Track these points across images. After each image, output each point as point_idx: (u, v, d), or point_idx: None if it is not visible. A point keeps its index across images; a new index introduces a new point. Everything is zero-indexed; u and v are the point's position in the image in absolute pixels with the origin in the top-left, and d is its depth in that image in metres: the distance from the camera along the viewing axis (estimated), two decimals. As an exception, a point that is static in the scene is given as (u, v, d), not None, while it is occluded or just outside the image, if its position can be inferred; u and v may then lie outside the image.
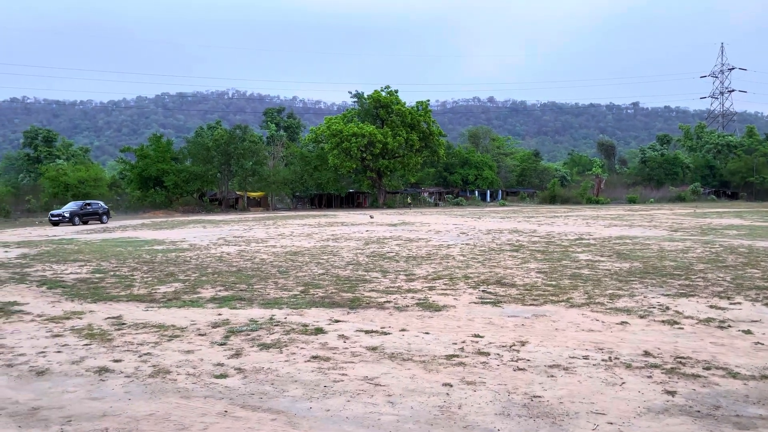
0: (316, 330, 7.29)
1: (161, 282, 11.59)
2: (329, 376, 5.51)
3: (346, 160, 62.47)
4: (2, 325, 8.01)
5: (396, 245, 18.55)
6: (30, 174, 76.77)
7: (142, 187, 61.58)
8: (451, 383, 5.26)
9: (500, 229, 25.75)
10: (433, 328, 7.34)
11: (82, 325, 7.87)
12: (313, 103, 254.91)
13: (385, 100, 65.65)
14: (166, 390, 5.23)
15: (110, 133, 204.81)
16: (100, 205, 41.53)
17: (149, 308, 8.98)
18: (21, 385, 5.47)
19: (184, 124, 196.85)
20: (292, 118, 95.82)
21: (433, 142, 67.28)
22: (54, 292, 10.66)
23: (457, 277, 11.48)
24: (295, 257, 15.59)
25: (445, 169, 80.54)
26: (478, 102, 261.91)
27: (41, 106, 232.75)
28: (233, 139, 62.55)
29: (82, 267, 14.39)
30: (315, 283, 11.09)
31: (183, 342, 6.87)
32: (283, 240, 21.50)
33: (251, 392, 5.13)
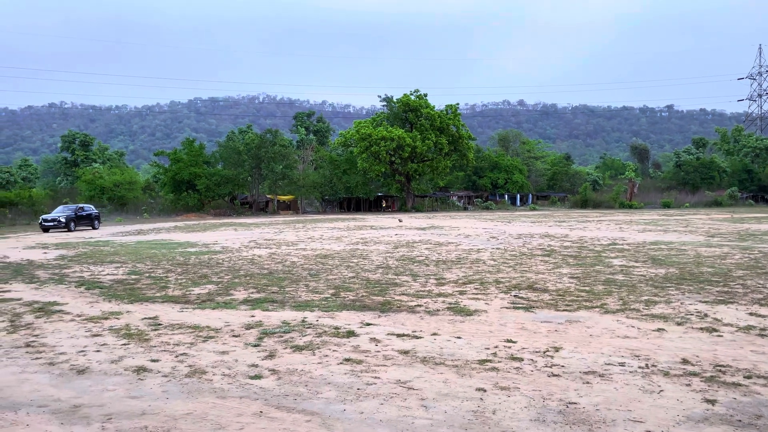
0: (348, 333, 7.32)
1: (195, 284, 11.78)
2: (362, 379, 5.53)
3: (375, 163, 62.63)
4: (43, 324, 8.24)
5: (425, 249, 18.52)
6: (67, 177, 78.88)
7: (176, 191, 62.71)
8: (484, 388, 5.24)
9: (531, 233, 25.50)
10: (465, 333, 7.31)
11: (120, 325, 8.06)
12: (343, 107, 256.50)
13: (414, 104, 65.68)
14: (202, 390, 5.32)
15: (144, 138, 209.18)
16: (93, 210, 38.93)
17: (184, 309, 9.14)
18: (62, 383, 5.62)
19: (216, 128, 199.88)
20: (322, 122, 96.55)
21: (462, 145, 67.01)
22: (92, 293, 10.92)
23: (488, 282, 11.41)
24: (325, 260, 15.69)
25: (475, 172, 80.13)
26: (508, 105, 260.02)
27: (78, 111, 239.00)
28: (264, 143, 63.29)
29: (118, 268, 14.71)
30: (345, 286, 11.14)
31: (218, 343, 6.98)
32: (313, 243, 21.65)
33: (285, 393, 5.18)
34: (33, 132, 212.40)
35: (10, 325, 8.22)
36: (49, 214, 36.49)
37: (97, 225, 37.60)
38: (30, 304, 9.79)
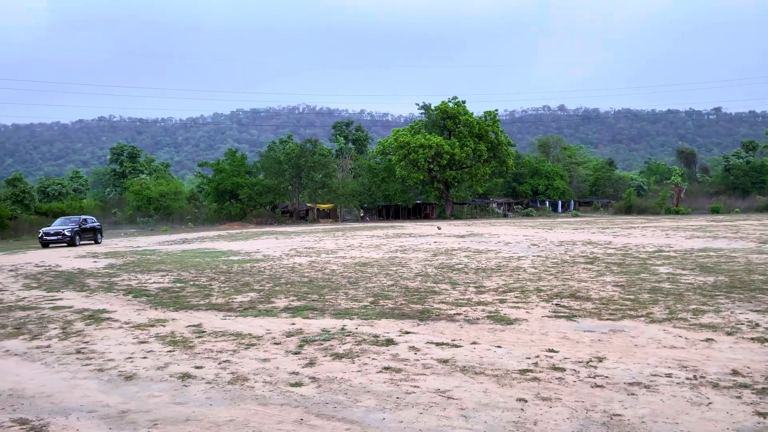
0: (387, 341, 7.33)
1: (238, 292, 12.00)
2: (401, 388, 5.53)
3: (414, 171, 62.65)
4: (93, 331, 8.53)
5: (465, 257, 18.40)
6: (116, 188, 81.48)
7: (219, 200, 64.07)
8: (525, 398, 5.17)
9: (573, 240, 25.05)
10: (506, 342, 7.23)
11: (166, 332, 8.27)
12: (381, 115, 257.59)
13: (453, 111, 65.53)
14: (244, 397, 5.41)
15: (189, 149, 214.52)
16: (95, 222, 35.09)
17: (227, 317, 9.32)
18: (111, 389, 5.80)
19: (258, 138, 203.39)
20: (360, 130, 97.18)
21: (501, 152, 66.44)
22: (139, 301, 11.25)
23: (528, 290, 11.26)
24: (364, 268, 15.76)
25: (514, 179, 79.25)
26: (548, 110, 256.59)
27: (126, 124, 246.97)
28: (304, 152, 64.14)
29: (164, 277, 15.10)
30: (384, 294, 11.16)
31: (259, 350, 7.08)
32: (352, 251, 21.78)
33: (326, 401, 5.23)
34: (83, 145, 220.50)
35: (62, 332, 8.53)
36: (50, 226, 32.91)
37: (100, 239, 34.06)
38: (81, 312, 10.14)
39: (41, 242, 30.73)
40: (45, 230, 31.54)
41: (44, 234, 31.07)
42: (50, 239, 30.65)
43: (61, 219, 34.79)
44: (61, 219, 34.79)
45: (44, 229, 31.75)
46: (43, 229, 31.82)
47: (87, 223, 33.29)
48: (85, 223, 32.98)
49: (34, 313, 10.23)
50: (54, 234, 30.79)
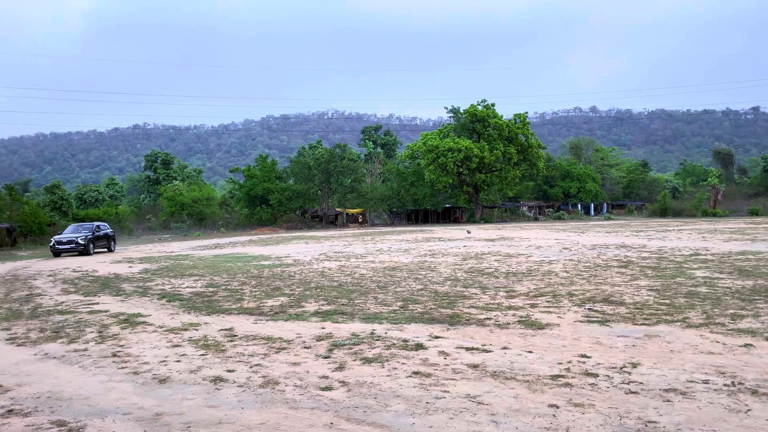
0: (417, 345, 7.32)
1: (268, 296, 12.12)
2: (431, 393, 5.50)
3: (443, 175, 62.49)
4: (128, 335, 8.71)
5: (495, 261, 18.25)
6: (150, 194, 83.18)
7: (250, 205, 64.92)
8: (557, 404, 5.09)
9: (606, 243, 24.63)
10: (537, 347, 7.14)
11: (198, 336, 8.40)
12: (409, 119, 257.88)
13: (482, 114, 65.21)
14: (275, 400, 5.46)
15: (221, 155, 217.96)
16: (109, 229, 33.27)
17: (258, 321, 9.42)
18: (145, 391, 5.91)
19: (287, 144, 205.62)
20: (389, 135, 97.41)
21: (531, 154, 65.83)
22: (173, 305, 11.45)
23: (560, 294, 11.11)
24: (393, 272, 15.76)
25: (545, 182, 78.39)
26: (579, 112, 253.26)
27: (160, 132, 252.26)
28: (333, 157, 64.59)
29: (196, 281, 15.35)
30: (414, 298, 11.14)
31: (290, 354, 7.14)
32: (381, 255, 21.80)
33: (355, 405, 5.24)
34: (119, 152, 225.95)
35: (99, 335, 8.73)
36: (61, 234, 30.70)
37: (114, 246, 32.22)
38: (116, 316, 10.37)
39: (53, 251, 28.81)
40: (57, 238, 29.44)
41: (56, 243, 29.04)
42: (62, 248, 28.73)
43: (72, 226, 32.35)
44: (72, 226, 32.35)
45: (56, 237, 29.75)
46: (55, 237, 29.82)
47: (100, 230, 31.38)
48: (99, 230, 31.08)
49: (71, 317, 10.50)
50: (67, 242, 28.84)
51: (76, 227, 31.42)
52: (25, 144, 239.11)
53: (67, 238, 29.10)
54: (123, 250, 33.13)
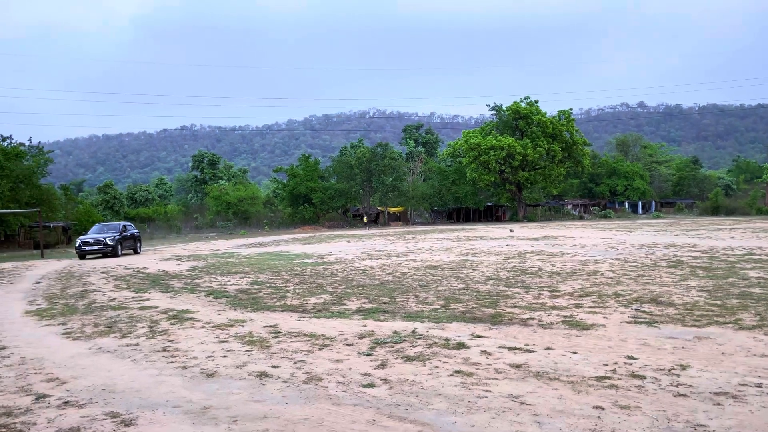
0: (458, 345, 7.30)
1: (311, 293, 12.28)
2: (473, 392, 5.49)
3: (485, 173, 61.93)
4: (177, 330, 8.97)
5: (538, 260, 18.00)
6: (197, 194, 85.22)
7: (293, 204, 65.83)
8: (602, 406, 5.01)
9: (654, 243, 23.97)
10: (581, 348, 7.03)
11: (244, 332, 8.59)
12: (451, 117, 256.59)
13: (525, 111, 64.28)
14: (318, 396, 5.55)
15: (265, 155, 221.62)
16: (134, 229, 31.28)
17: (301, 318, 9.56)
18: (194, 385, 6.09)
19: (330, 143, 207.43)
20: (430, 133, 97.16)
21: (576, 152, 64.56)
22: (219, 301, 11.73)
23: (606, 295, 10.88)
24: (434, 271, 15.73)
25: (591, 179, 76.77)
26: (626, 108, 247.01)
27: (206, 132, 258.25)
28: (374, 156, 64.86)
29: (242, 279, 15.68)
30: (455, 297, 11.11)
31: (332, 351, 7.23)
32: (422, 254, 21.78)
33: (397, 403, 5.27)
34: (167, 153, 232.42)
35: (149, 330, 9.03)
36: (87, 234, 28.69)
37: (140, 248, 30.17)
38: (166, 312, 10.70)
39: (78, 253, 26.64)
40: (83, 239, 27.10)
41: (82, 243, 26.76)
42: (89, 249, 26.70)
43: (97, 226, 30.17)
44: (97, 226, 30.17)
45: (82, 238, 27.32)
46: (81, 238, 27.36)
47: (127, 230, 29.57)
48: (125, 230, 29.25)
49: (123, 312, 10.88)
50: (94, 243, 26.84)
51: (101, 227, 29.52)
52: (79, 145, 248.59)
53: (94, 238, 27.16)
54: (171, 247, 34.08)
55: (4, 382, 6.46)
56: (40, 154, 46.18)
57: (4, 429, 4.97)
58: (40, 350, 8.06)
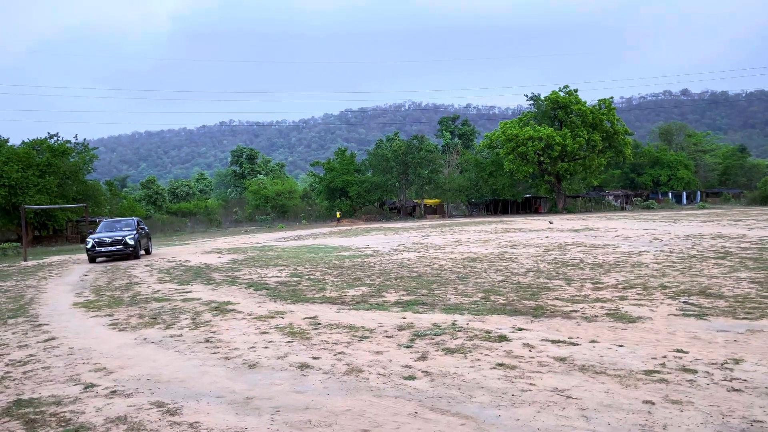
0: (500, 337, 7.19)
1: (350, 286, 12.30)
2: (516, 385, 5.39)
3: (523, 164, 61.02)
4: (219, 322, 9.10)
5: (579, 252, 17.64)
6: (236, 188, 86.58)
7: (330, 198, 66.25)
8: (652, 401, 4.84)
9: (701, 233, 23.22)
10: (628, 341, 6.83)
11: (285, 324, 8.65)
12: (487, 108, 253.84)
13: (564, 101, 62.98)
14: (359, 388, 5.53)
15: (301, 149, 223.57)
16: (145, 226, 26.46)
17: (341, 310, 9.58)
18: (236, 376, 6.15)
19: (365, 137, 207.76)
20: (467, 125, 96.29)
21: (617, 141, 62.96)
22: (260, 294, 11.86)
23: (652, 287, 10.57)
24: (473, 264, 15.57)
25: (633, 169, 74.89)
26: (669, 96, 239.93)
27: (244, 128, 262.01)
28: (410, 149, 64.66)
29: (281, 271, 15.82)
30: (495, 289, 10.96)
31: (372, 343, 7.21)
32: (460, 246, 21.61)
33: (439, 395, 5.21)
34: (207, 148, 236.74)
35: (192, 322, 9.18)
36: (97, 232, 23.31)
37: (151, 247, 26.12)
38: (208, 304, 10.87)
39: (90, 255, 22.03)
40: (96, 238, 22.25)
41: (95, 243, 21.98)
42: (105, 251, 22.06)
43: (107, 222, 24.91)
44: (107, 222, 24.91)
45: (94, 237, 22.38)
46: (93, 237, 22.41)
47: (142, 227, 25.14)
48: (143, 229, 24.92)
49: (167, 304, 11.10)
50: (111, 243, 22.15)
51: (111, 224, 24.64)
52: (123, 142, 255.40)
53: (111, 236, 22.45)
54: (212, 241, 34.69)
55: (54, 372, 6.65)
56: (85, 151, 47.61)
57: (54, 417, 5.11)
58: (88, 341, 8.28)
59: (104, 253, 22.32)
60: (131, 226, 24.16)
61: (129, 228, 23.93)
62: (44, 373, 6.60)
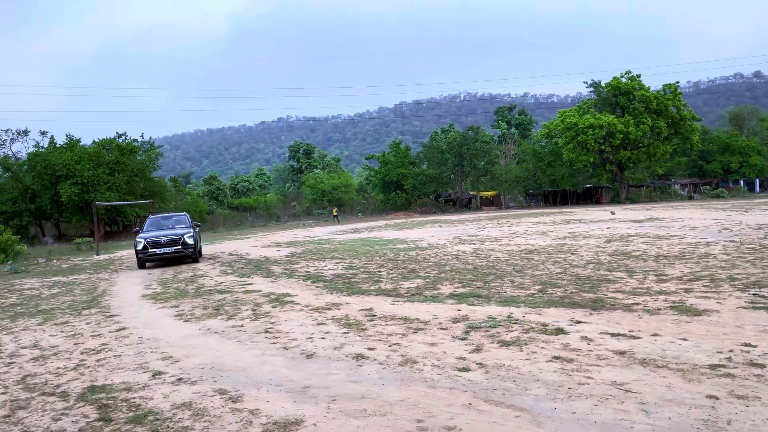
0: (557, 330, 7.08)
1: (405, 278, 12.37)
2: (573, 378, 5.31)
3: (583, 153, 59.33)
4: (278, 313, 9.34)
5: (643, 243, 17.07)
6: (294, 183, 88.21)
7: (385, 191, 66.51)
8: (716, 395, 4.68)
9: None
10: (692, 334, 6.60)
11: (341, 315, 8.80)
12: (545, 97, 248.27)
13: (626, 87, 60.76)
14: (414, 379, 5.58)
15: (357, 143, 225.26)
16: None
17: (395, 302, 9.66)
18: (295, 365, 6.32)
19: (420, 129, 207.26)
20: (524, 114, 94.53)
21: (684, 127, 60.23)
22: (317, 286, 12.09)
23: (720, 279, 10.13)
24: (530, 256, 15.33)
25: (701, 157, 71.62)
26: (740, 79, 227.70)
27: (301, 123, 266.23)
28: (466, 140, 64.04)
29: (337, 264, 16.06)
30: (553, 282, 10.77)
31: (426, 335, 7.24)
32: (517, 238, 21.30)
33: (493, 387, 5.20)
34: (266, 144, 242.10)
35: (253, 313, 9.47)
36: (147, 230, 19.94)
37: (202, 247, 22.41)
38: (267, 295, 11.18)
39: (141, 259, 18.44)
40: (148, 238, 18.63)
41: (147, 244, 18.40)
42: (159, 253, 18.49)
43: (154, 218, 21.41)
44: (154, 218, 21.41)
45: (145, 237, 18.76)
46: (144, 237, 18.79)
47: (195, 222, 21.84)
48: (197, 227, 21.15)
49: (229, 296, 11.49)
50: (168, 243, 18.54)
51: (159, 220, 21.21)
52: (186, 140, 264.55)
53: (166, 236, 18.80)
54: (271, 234, 35.52)
55: (125, 360, 7.02)
56: (151, 149, 49.60)
57: (125, 403, 5.41)
58: (156, 331, 8.69)
59: (159, 257, 18.61)
60: (185, 223, 20.73)
61: (183, 225, 20.49)
62: (116, 361, 6.98)
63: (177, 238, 18.81)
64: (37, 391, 5.97)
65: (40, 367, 6.96)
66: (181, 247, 18.76)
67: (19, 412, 5.38)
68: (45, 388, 6.05)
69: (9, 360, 7.45)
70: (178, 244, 18.75)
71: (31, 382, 6.33)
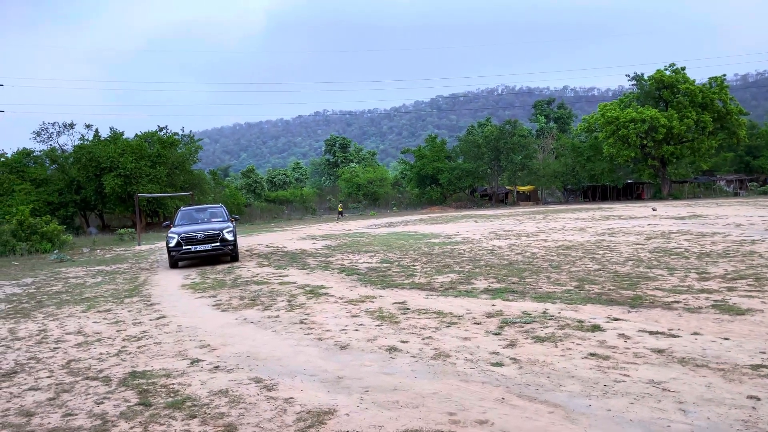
0: (593, 327, 6.97)
1: (439, 272, 12.35)
2: (609, 376, 5.23)
3: (623, 148, 57.99)
4: (313, 305, 9.45)
5: (685, 240, 16.63)
6: (330, 177, 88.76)
7: (420, 185, 66.37)
8: (758, 396, 4.55)
9: (826, 221, 21.15)
10: (734, 334, 6.41)
11: (374, 308, 8.85)
12: (585, 90, 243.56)
13: (670, 80, 59.04)
14: (446, 372, 5.58)
15: (392, 137, 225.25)
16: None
17: (429, 296, 9.66)
18: (328, 356, 6.39)
19: (456, 123, 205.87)
20: (563, 108, 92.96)
21: (730, 122, 58.24)
22: (351, 278, 12.18)
23: (765, 278, 9.81)
24: (567, 252, 15.11)
25: (748, 152, 69.25)
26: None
27: (337, 117, 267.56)
28: (503, 134, 63.33)
29: (372, 257, 16.13)
30: (590, 278, 10.60)
31: (460, 329, 7.23)
32: (554, 234, 21.01)
33: (527, 383, 5.16)
34: (302, 138, 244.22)
35: (288, 304, 9.61)
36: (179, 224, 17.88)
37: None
38: (303, 287, 11.31)
39: (174, 257, 16.43)
40: (182, 234, 16.51)
41: (181, 240, 16.35)
42: (195, 251, 16.42)
43: (186, 211, 19.12)
44: (186, 211, 19.12)
45: (179, 232, 16.64)
46: (178, 232, 16.66)
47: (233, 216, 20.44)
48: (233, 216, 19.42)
49: (265, 287, 11.67)
50: (206, 239, 16.45)
51: (192, 213, 18.95)
52: (225, 134, 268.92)
53: (203, 231, 16.68)
54: (307, 227, 35.88)
55: (165, 348, 7.21)
56: (191, 142, 50.63)
57: (164, 389, 5.56)
58: (194, 320, 8.90)
59: (194, 255, 16.55)
60: (222, 216, 18.56)
61: (221, 219, 18.38)
62: (156, 348, 7.19)
63: (215, 234, 16.58)
64: (81, 376, 6.19)
65: (83, 353, 7.21)
66: (219, 243, 16.56)
67: (63, 395, 5.59)
68: (88, 373, 6.28)
69: (55, 345, 7.75)
70: (216, 240, 16.53)
71: (75, 367, 6.57)
